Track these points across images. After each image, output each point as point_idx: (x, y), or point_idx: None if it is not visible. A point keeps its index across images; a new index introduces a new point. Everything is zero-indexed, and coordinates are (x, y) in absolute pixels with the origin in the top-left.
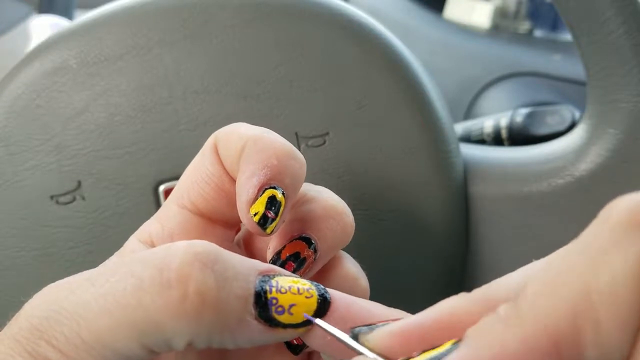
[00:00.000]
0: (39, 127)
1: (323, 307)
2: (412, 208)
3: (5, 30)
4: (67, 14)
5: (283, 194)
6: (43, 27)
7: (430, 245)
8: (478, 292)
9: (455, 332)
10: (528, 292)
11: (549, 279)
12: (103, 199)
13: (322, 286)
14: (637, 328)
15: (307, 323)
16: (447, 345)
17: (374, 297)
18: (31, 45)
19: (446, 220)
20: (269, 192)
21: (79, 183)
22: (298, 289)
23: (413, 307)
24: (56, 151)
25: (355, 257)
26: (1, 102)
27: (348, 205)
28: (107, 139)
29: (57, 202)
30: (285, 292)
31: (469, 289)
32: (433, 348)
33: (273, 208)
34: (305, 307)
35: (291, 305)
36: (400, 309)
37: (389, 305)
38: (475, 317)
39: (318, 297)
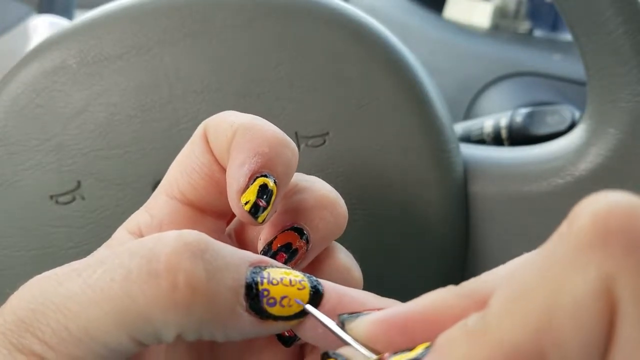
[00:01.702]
0: (38, 126)
1: (315, 298)
2: (412, 208)
3: (5, 30)
4: (67, 13)
5: (275, 182)
6: (43, 26)
7: (430, 245)
8: (465, 286)
9: (437, 325)
10: (494, 307)
11: (514, 295)
12: (103, 198)
13: (314, 278)
14: (601, 348)
15: (299, 315)
16: (420, 350)
17: None
18: (31, 45)
19: (446, 220)
20: (260, 181)
21: (79, 183)
22: (290, 281)
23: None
24: (56, 151)
25: (355, 256)
26: (1, 102)
27: (348, 205)
28: (107, 139)
29: (57, 202)
30: (277, 284)
31: None
32: (408, 349)
33: (264, 197)
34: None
35: (283, 297)
36: None
37: None
38: (459, 310)
39: (310, 288)
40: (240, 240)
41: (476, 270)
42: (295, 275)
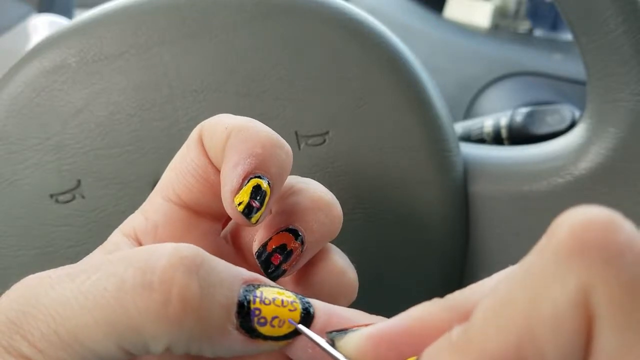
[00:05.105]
0: (38, 125)
1: (306, 320)
2: (411, 207)
3: (5, 29)
4: (67, 13)
5: (268, 183)
6: (42, 26)
7: (430, 244)
8: (450, 299)
9: (424, 339)
10: (477, 318)
11: (495, 308)
12: (102, 197)
13: (306, 299)
14: (581, 356)
15: (289, 336)
16: None
17: (373, 296)
18: (31, 44)
19: (446, 220)
20: (253, 182)
21: (79, 182)
22: (282, 301)
23: (412, 307)
24: (56, 150)
25: (355, 256)
26: (1, 101)
27: (348, 204)
28: (107, 138)
29: (57, 201)
30: (269, 304)
31: None
32: None
33: (258, 197)
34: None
35: (274, 318)
36: (400, 308)
37: (388, 304)
38: (446, 323)
39: (302, 310)
40: (236, 243)
41: (476, 271)
42: (287, 296)
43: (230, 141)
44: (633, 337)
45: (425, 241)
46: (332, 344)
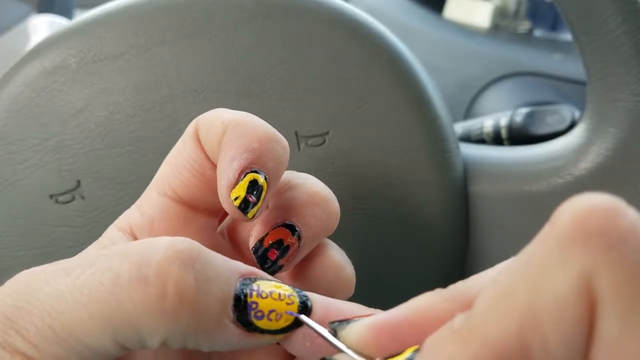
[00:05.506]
0: (38, 126)
1: (304, 313)
2: (411, 207)
3: (5, 29)
4: (67, 13)
5: (265, 178)
6: (42, 26)
7: (430, 244)
8: (453, 289)
9: (426, 328)
10: (479, 307)
11: (498, 295)
12: (102, 197)
13: (303, 292)
14: (583, 343)
15: (286, 329)
16: (409, 353)
17: (372, 296)
18: (30, 45)
19: (446, 220)
20: (250, 176)
21: (78, 182)
22: (279, 295)
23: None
24: (55, 150)
25: (355, 256)
26: (0, 101)
27: (348, 205)
28: (107, 138)
29: (57, 202)
30: (266, 297)
31: None
32: (397, 354)
33: (254, 192)
34: (286, 314)
35: (271, 311)
36: None
37: (387, 304)
38: (448, 314)
39: (299, 304)
40: (233, 239)
41: (476, 270)
42: (284, 290)
43: (226, 136)
44: (636, 322)
45: (425, 241)
46: (334, 335)
